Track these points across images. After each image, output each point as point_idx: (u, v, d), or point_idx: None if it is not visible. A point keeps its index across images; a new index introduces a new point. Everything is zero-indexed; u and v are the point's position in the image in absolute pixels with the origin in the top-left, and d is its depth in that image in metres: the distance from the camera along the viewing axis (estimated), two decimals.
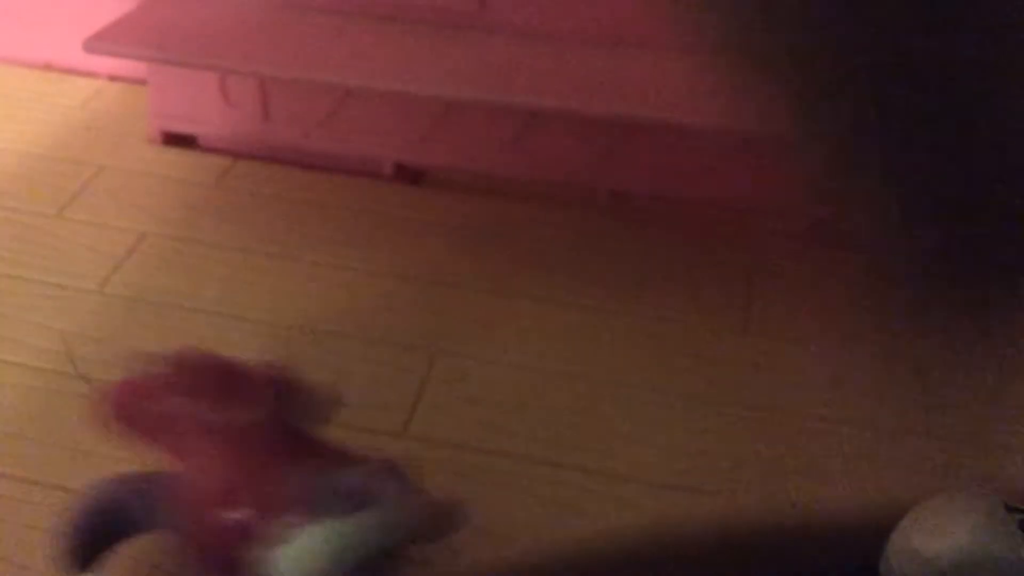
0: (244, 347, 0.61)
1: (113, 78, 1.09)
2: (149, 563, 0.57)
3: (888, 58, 0.32)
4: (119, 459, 0.65)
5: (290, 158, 0.97)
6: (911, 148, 0.35)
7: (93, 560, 0.52)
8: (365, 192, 0.94)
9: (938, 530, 0.50)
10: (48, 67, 1.10)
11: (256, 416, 0.55)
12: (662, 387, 0.74)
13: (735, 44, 0.35)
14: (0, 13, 1.10)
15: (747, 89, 0.36)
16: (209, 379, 0.56)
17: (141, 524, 0.54)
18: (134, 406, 0.57)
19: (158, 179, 0.94)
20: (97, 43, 0.90)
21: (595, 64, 0.81)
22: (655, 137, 0.89)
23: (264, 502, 0.53)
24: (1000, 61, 0.33)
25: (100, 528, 0.52)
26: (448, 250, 0.87)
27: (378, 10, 0.90)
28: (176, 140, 0.99)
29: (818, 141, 0.37)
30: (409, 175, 0.97)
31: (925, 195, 0.35)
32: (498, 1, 0.87)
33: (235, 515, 0.53)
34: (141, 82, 1.05)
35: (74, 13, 1.02)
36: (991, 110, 0.33)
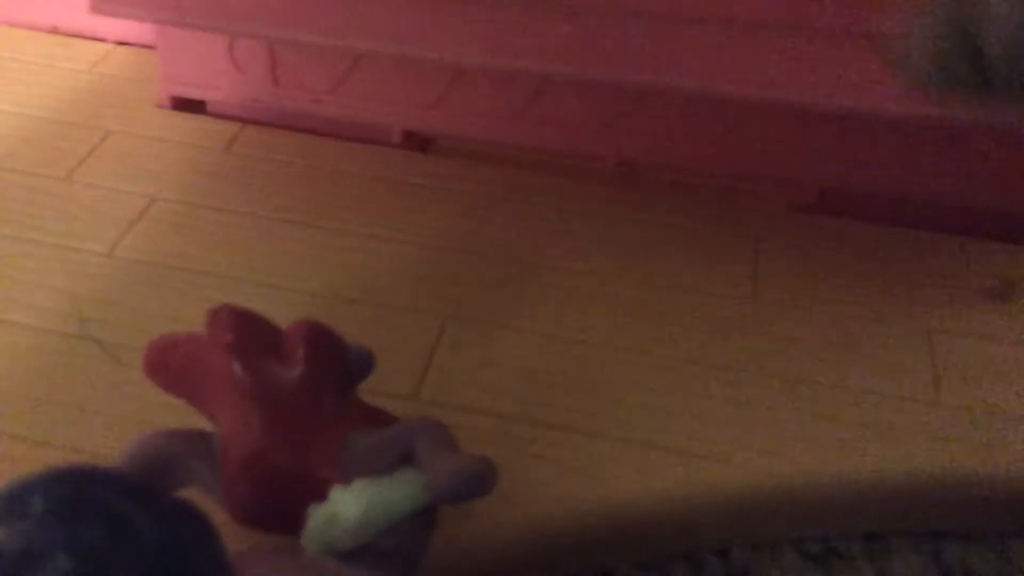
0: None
1: (121, 42, 1.08)
2: None
3: None
4: (133, 420, 0.65)
5: (299, 124, 0.97)
6: None
7: None
8: (374, 159, 0.93)
9: None
10: (55, 31, 1.10)
11: (292, 375, 0.55)
12: (679, 355, 0.74)
13: None
14: None
15: None
16: (245, 336, 0.56)
17: (179, 480, 0.55)
18: (169, 362, 0.57)
19: (167, 144, 0.94)
20: (104, 3, 0.89)
21: (608, 30, 0.81)
22: (665, 106, 0.88)
23: (298, 462, 0.53)
24: None
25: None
26: (457, 216, 0.87)
27: None
28: (185, 105, 0.99)
29: None
30: (418, 142, 0.96)
31: None
32: None
33: (268, 474, 0.53)
34: (149, 47, 1.05)
35: None
36: None
